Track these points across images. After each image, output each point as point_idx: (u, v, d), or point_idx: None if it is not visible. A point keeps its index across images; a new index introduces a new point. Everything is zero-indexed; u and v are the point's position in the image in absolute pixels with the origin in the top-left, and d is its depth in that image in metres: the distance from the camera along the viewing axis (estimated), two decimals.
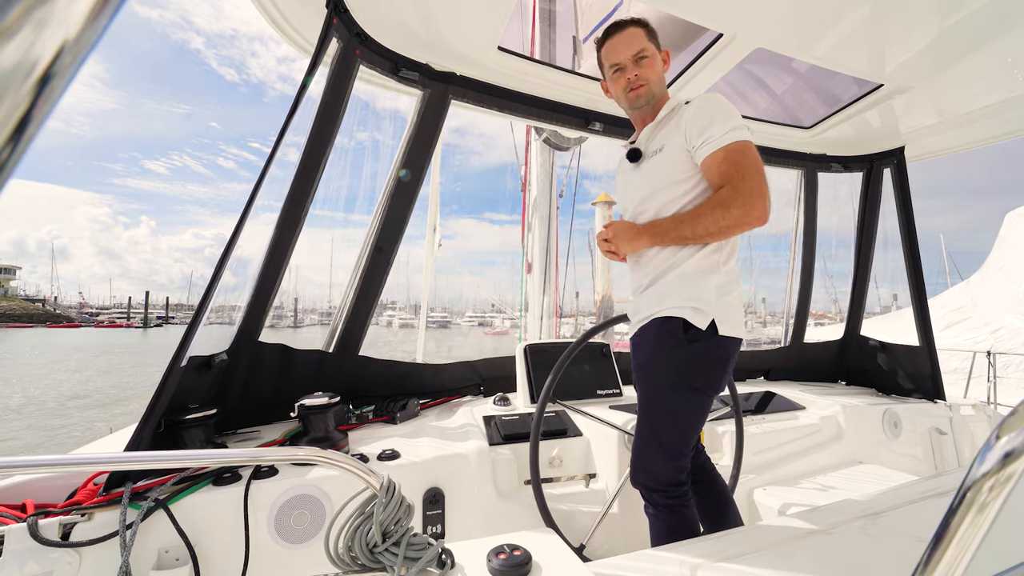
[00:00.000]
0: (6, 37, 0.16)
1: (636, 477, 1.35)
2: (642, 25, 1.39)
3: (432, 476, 1.54)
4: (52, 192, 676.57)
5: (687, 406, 1.27)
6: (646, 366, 1.31)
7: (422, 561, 0.72)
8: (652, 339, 1.30)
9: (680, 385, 1.26)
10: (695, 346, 1.24)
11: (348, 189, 2.42)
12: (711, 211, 1.21)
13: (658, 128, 1.38)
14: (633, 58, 1.37)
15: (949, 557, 0.40)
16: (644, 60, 1.36)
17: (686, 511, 1.29)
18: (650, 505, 1.33)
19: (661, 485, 1.29)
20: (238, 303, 1.70)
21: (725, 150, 1.21)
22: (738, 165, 1.20)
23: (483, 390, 2.40)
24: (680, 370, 1.25)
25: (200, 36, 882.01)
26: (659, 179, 1.33)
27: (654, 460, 1.30)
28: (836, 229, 3.21)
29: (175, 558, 1.17)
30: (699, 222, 1.22)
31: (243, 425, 1.74)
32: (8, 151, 0.17)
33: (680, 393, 1.26)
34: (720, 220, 1.19)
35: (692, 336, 1.24)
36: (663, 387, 1.28)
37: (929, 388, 2.68)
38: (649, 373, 1.30)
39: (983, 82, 2.17)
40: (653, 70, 1.37)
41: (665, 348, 1.26)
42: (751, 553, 0.90)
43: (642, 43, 1.37)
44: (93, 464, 0.85)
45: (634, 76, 1.37)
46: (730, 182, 1.20)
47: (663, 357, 1.27)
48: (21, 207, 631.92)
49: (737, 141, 1.21)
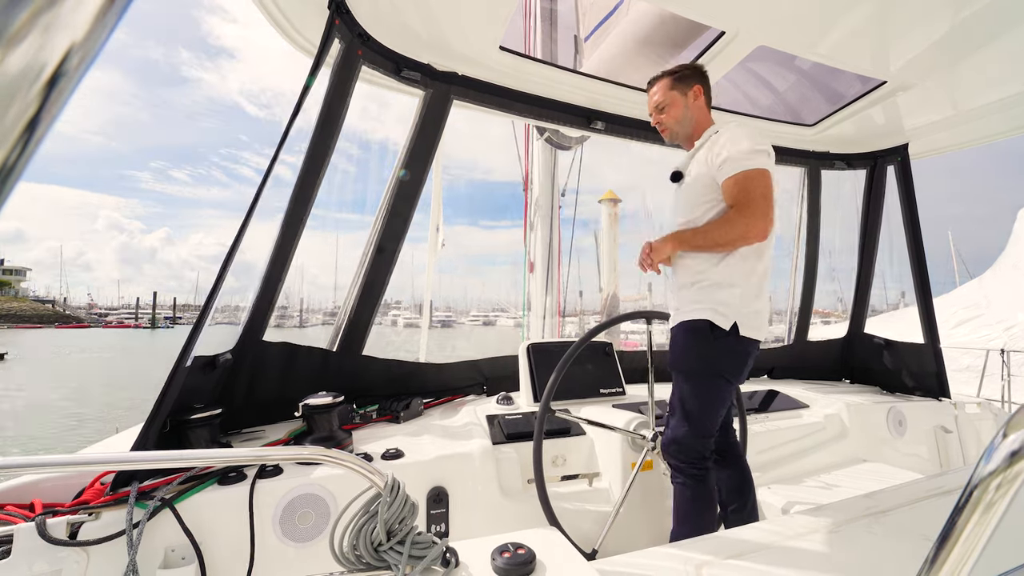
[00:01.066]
0: (14, 42, 0.16)
1: (669, 449, 1.55)
2: (662, 77, 1.67)
3: (436, 475, 1.54)
4: (62, 195, 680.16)
5: (712, 390, 1.50)
6: (679, 358, 1.54)
7: (426, 560, 0.73)
8: (684, 336, 1.53)
9: (707, 372, 1.49)
10: (720, 341, 1.47)
11: (353, 191, 2.43)
12: (719, 227, 1.47)
13: (694, 154, 1.62)
14: (655, 109, 1.69)
15: (956, 555, 0.40)
16: (665, 109, 1.66)
17: (708, 482, 1.51)
18: (679, 474, 1.53)
19: (690, 458, 1.50)
20: (242, 303, 1.71)
21: (736, 177, 1.44)
22: (746, 191, 1.43)
23: (486, 389, 2.40)
24: (706, 359, 1.49)
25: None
26: (691, 199, 1.57)
27: (686, 436, 1.50)
28: (840, 227, 3.20)
29: (181, 557, 1.17)
30: (709, 234, 1.48)
31: (248, 425, 1.75)
32: (17, 153, 0.17)
33: (707, 379, 1.49)
34: (726, 234, 1.45)
35: (718, 334, 1.46)
36: (693, 373, 1.51)
37: (934, 386, 2.67)
38: (681, 364, 1.53)
39: (987, 79, 2.15)
40: (671, 115, 1.65)
41: (694, 342, 1.50)
42: (756, 551, 0.90)
43: (661, 96, 1.66)
44: (100, 464, 0.86)
45: (655, 123, 1.71)
46: (737, 204, 1.44)
47: (693, 349, 1.50)
48: (35, 211, 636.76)
49: (750, 169, 1.43)
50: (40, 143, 0.18)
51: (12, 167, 0.17)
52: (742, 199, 1.43)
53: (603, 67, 2.30)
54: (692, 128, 1.65)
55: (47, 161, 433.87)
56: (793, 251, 3.17)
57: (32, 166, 0.18)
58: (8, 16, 0.16)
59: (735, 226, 1.43)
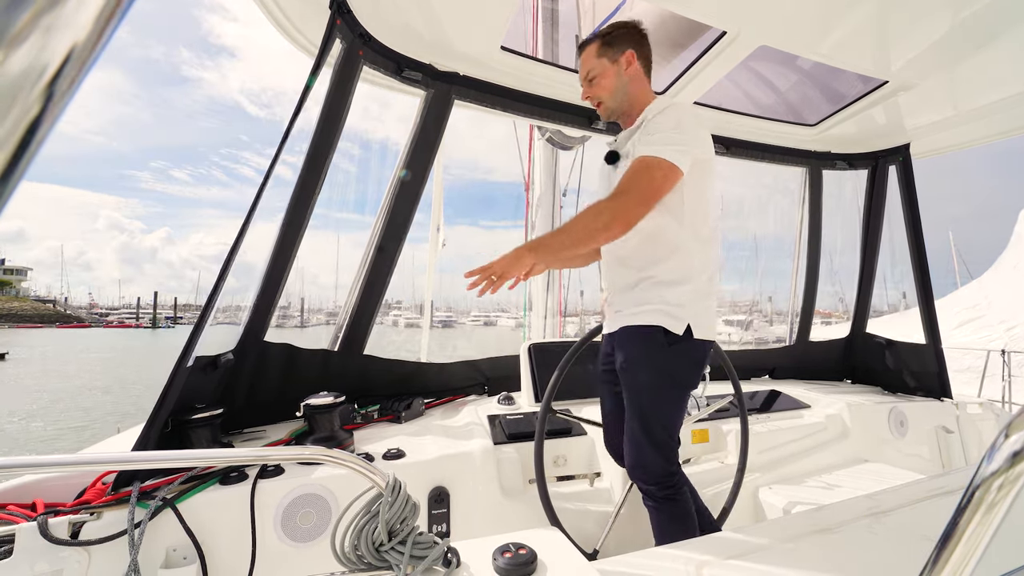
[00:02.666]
0: (15, 43, 0.16)
1: (634, 475, 1.43)
2: (593, 41, 1.43)
3: (437, 475, 1.54)
4: (63, 195, 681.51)
5: (670, 402, 1.37)
6: (630, 370, 1.37)
7: (428, 560, 0.73)
8: (634, 344, 1.36)
9: (664, 385, 1.35)
10: (674, 348, 1.32)
11: (354, 191, 2.44)
12: (586, 216, 1.22)
13: (633, 132, 1.41)
14: (584, 80, 1.45)
15: (957, 556, 0.40)
16: (593, 80, 1.43)
17: (683, 500, 1.38)
18: (649, 499, 1.40)
19: (657, 478, 1.37)
20: (243, 303, 1.71)
21: (641, 160, 1.25)
22: (634, 177, 1.24)
23: (487, 389, 2.40)
24: (662, 371, 1.34)
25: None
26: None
27: (647, 455, 1.37)
28: (840, 227, 3.20)
29: (183, 557, 1.18)
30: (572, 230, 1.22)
31: (249, 425, 1.75)
32: (19, 154, 0.17)
33: (664, 391, 1.36)
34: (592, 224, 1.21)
35: (671, 340, 1.32)
36: (649, 387, 1.36)
37: (935, 386, 2.66)
38: (634, 376, 1.37)
39: (990, 78, 2.15)
40: (602, 87, 1.42)
41: (647, 352, 1.34)
42: (757, 551, 0.90)
43: (589, 63, 1.42)
44: (101, 464, 0.86)
45: (588, 96, 1.47)
46: (617, 189, 1.25)
47: (646, 360, 1.34)
48: (36, 210, 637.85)
49: (650, 157, 1.24)
50: (42, 144, 0.18)
51: (14, 168, 0.17)
52: (628, 184, 1.23)
53: None
54: (628, 103, 1.43)
55: (48, 161, 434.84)
56: (794, 252, 3.17)
57: (33, 166, 0.18)
58: (10, 17, 0.16)
59: (600, 215, 1.20)
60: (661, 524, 1.39)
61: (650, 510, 1.41)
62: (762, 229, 21.14)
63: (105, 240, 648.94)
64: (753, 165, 2.96)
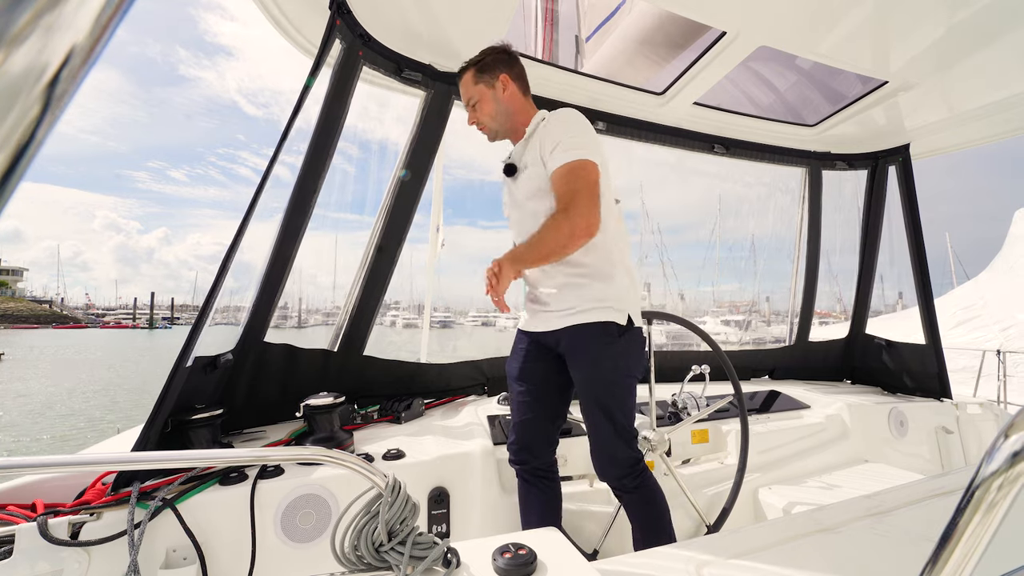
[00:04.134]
0: (16, 43, 0.16)
1: (605, 472, 1.44)
2: (468, 69, 1.51)
3: (437, 475, 1.54)
4: (59, 195, 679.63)
5: (628, 391, 1.43)
6: (590, 366, 1.40)
7: (428, 560, 0.72)
8: (591, 340, 1.40)
9: (620, 375, 1.41)
10: (624, 339, 1.40)
11: (352, 191, 2.44)
12: (546, 233, 1.31)
13: (526, 144, 1.49)
14: (468, 106, 1.54)
15: (957, 556, 0.40)
16: (476, 105, 1.51)
17: (652, 482, 1.44)
18: (622, 492, 1.44)
19: (627, 467, 1.42)
20: (243, 303, 1.71)
21: (560, 170, 1.34)
22: (568, 185, 1.33)
23: (487, 389, 2.40)
24: (618, 363, 1.40)
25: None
26: (529, 194, 1.45)
27: (617, 447, 1.41)
28: (839, 227, 3.20)
29: (183, 557, 1.17)
30: (540, 246, 1.31)
31: (249, 425, 1.75)
32: (19, 155, 0.17)
33: (622, 381, 1.41)
34: (554, 239, 1.30)
35: (620, 331, 1.39)
36: (610, 380, 1.41)
37: (935, 387, 2.66)
38: (595, 371, 1.41)
39: (990, 78, 2.15)
40: (484, 111, 1.51)
41: (604, 346, 1.39)
42: (758, 551, 0.90)
43: (468, 91, 1.51)
44: (101, 464, 0.86)
45: (471, 123, 1.55)
46: (560, 202, 1.34)
47: (604, 354, 1.39)
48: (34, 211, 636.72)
49: (574, 161, 1.33)
50: (42, 144, 0.18)
51: (14, 168, 0.17)
52: (566, 196, 1.32)
53: (604, 67, 2.30)
54: (510, 122, 1.52)
55: (44, 161, 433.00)
56: (794, 252, 3.17)
57: (31, 166, 0.18)
58: (10, 16, 0.16)
59: (559, 230, 1.30)
60: (638, 511, 1.44)
61: (625, 504, 1.46)
62: (761, 228, 20.96)
63: (102, 240, 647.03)
64: (751, 165, 2.96)
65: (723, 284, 57.68)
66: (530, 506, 1.52)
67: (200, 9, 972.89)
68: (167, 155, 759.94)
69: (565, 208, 1.31)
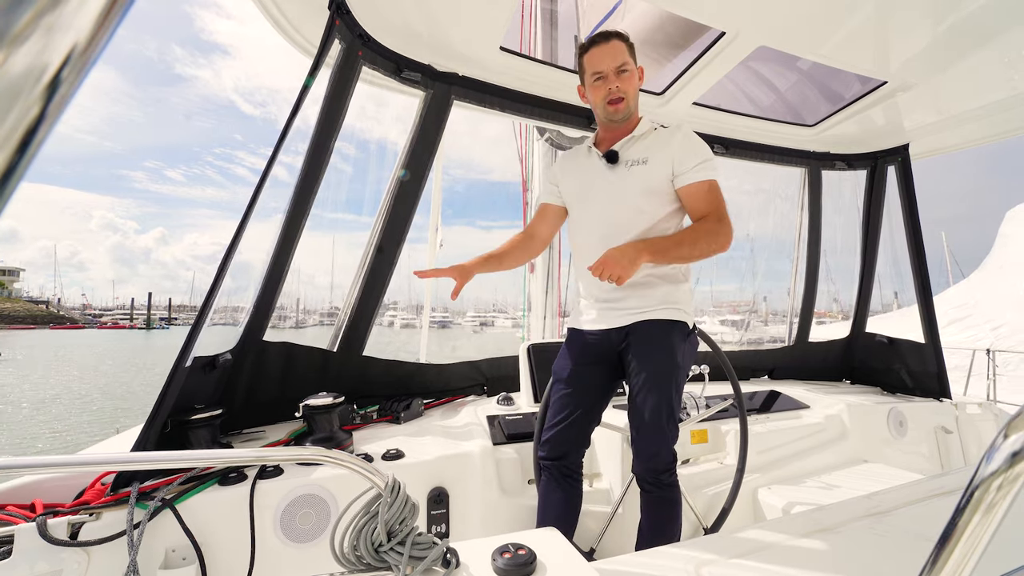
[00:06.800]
0: (17, 43, 0.16)
1: (649, 464, 1.42)
2: (626, 40, 1.46)
3: (436, 476, 1.54)
4: (55, 195, 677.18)
5: (681, 391, 1.48)
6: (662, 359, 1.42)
7: (427, 560, 0.72)
8: (665, 335, 1.44)
9: (683, 374, 1.47)
10: (690, 340, 1.49)
11: (349, 191, 2.43)
12: (706, 237, 1.38)
13: (637, 140, 1.49)
14: (616, 70, 1.44)
15: (957, 556, 0.40)
16: (625, 74, 1.44)
17: (680, 487, 1.47)
18: (654, 488, 1.43)
19: (668, 462, 1.43)
20: (242, 304, 1.71)
21: (711, 183, 1.42)
22: (719, 201, 1.42)
23: (487, 390, 2.40)
24: (684, 362, 1.46)
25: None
26: (641, 190, 1.45)
27: (665, 441, 1.42)
28: (838, 227, 3.20)
29: (182, 557, 1.17)
30: (697, 245, 1.38)
31: (248, 425, 1.75)
32: (20, 155, 0.17)
33: (681, 380, 1.46)
34: (711, 245, 1.38)
35: (687, 332, 1.47)
36: (672, 375, 1.43)
37: (935, 387, 2.67)
38: (664, 365, 1.42)
39: (990, 78, 2.15)
40: (632, 84, 1.46)
41: (677, 343, 1.44)
42: (757, 551, 0.90)
43: (624, 57, 1.44)
44: (100, 464, 0.86)
45: (615, 87, 1.44)
46: (715, 213, 1.41)
47: (673, 350, 1.43)
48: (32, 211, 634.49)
49: (715, 180, 1.43)
50: (42, 144, 0.18)
51: (14, 169, 0.17)
52: (719, 208, 1.41)
53: None
54: (634, 110, 1.50)
55: (41, 161, 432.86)
56: (794, 252, 3.17)
57: (31, 166, 0.18)
58: (11, 16, 0.16)
59: (718, 237, 1.38)
60: (659, 510, 1.45)
61: (649, 502, 1.45)
62: (760, 229, 21.11)
63: (98, 240, 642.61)
64: (750, 172, 2.97)
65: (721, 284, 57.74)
66: (550, 503, 1.51)
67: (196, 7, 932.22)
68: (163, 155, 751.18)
69: (720, 219, 1.40)
